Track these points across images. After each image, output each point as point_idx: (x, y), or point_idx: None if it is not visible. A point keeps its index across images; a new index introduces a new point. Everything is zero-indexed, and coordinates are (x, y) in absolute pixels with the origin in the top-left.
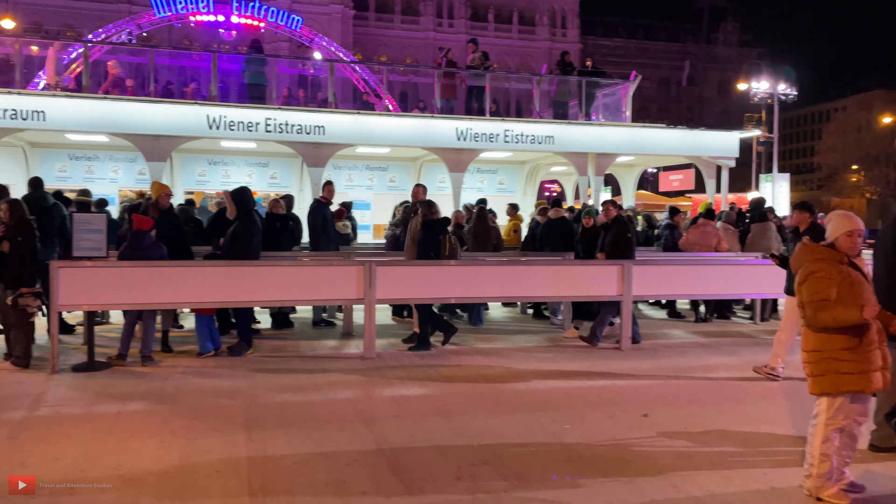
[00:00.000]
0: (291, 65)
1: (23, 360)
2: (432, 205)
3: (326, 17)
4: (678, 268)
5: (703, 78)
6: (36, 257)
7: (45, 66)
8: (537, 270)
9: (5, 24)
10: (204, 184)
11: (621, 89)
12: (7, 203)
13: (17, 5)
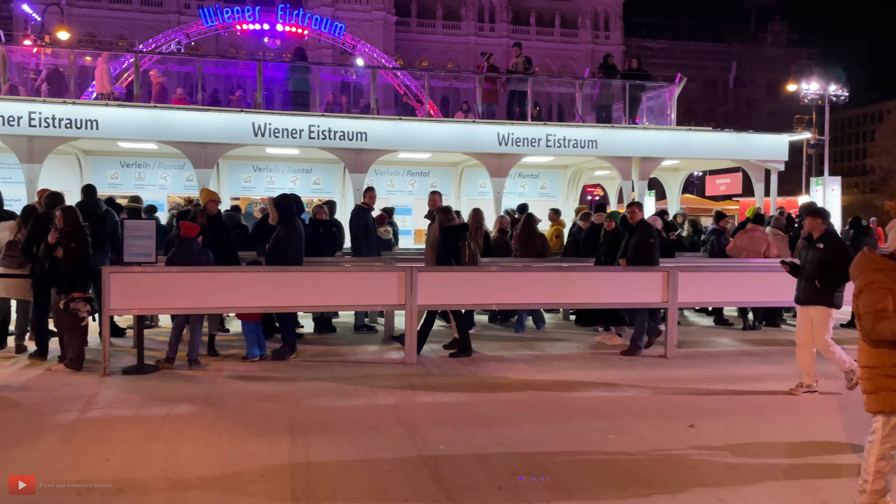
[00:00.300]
0: (334, 72)
1: (76, 363)
2: (449, 211)
3: (369, 24)
4: (725, 274)
5: (751, 79)
6: (87, 263)
7: (96, 77)
8: (579, 277)
9: (61, 35)
10: (249, 190)
11: (666, 92)
12: (61, 210)
13: (72, 17)
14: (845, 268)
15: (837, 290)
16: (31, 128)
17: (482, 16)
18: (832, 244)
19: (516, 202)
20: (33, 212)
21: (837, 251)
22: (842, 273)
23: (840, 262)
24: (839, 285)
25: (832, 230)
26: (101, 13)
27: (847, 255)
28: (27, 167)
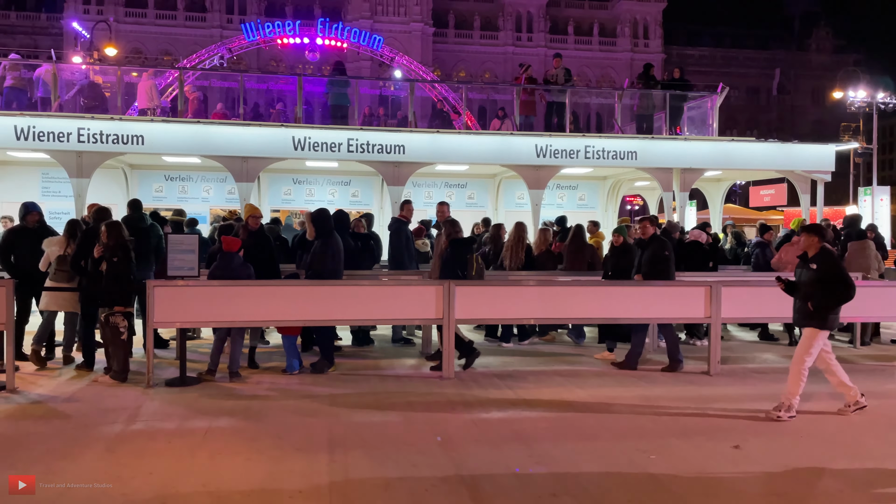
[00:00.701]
0: (372, 85)
1: (121, 375)
2: (455, 224)
3: (406, 35)
4: (770, 289)
5: (795, 86)
6: (129, 278)
7: (139, 93)
8: (620, 291)
9: (108, 51)
10: (289, 202)
11: (708, 101)
12: (106, 225)
13: (119, 33)
14: (840, 289)
15: (832, 312)
16: (80, 143)
17: (519, 25)
18: (826, 264)
19: (554, 214)
20: (77, 226)
21: (831, 272)
22: (836, 294)
23: (834, 283)
24: (834, 307)
25: (828, 249)
26: (146, 29)
27: (841, 277)
28: (76, 181)
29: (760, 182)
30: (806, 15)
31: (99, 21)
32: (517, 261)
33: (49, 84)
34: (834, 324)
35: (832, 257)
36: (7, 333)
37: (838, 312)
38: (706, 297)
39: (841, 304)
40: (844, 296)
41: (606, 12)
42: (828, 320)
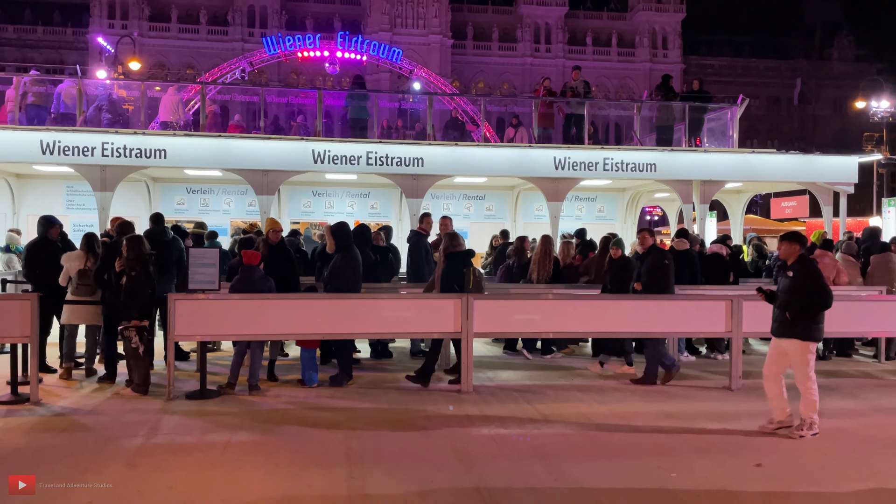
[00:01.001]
0: (392, 98)
1: (141, 387)
2: (455, 237)
3: (425, 48)
4: None
5: (817, 96)
6: (146, 292)
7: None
8: (640, 305)
9: (132, 65)
10: (309, 214)
11: (727, 112)
12: (126, 239)
13: (143, 47)
14: (817, 298)
15: (813, 321)
16: (104, 157)
17: (538, 37)
18: (803, 272)
19: (573, 226)
20: (94, 239)
21: (809, 280)
22: (814, 303)
23: (812, 292)
24: (813, 316)
25: (806, 257)
26: (169, 42)
27: (819, 285)
28: (99, 195)
29: (782, 194)
30: (827, 24)
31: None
32: (545, 274)
33: (68, 100)
34: (819, 334)
35: (810, 265)
36: (31, 346)
37: (821, 322)
38: (727, 311)
39: (819, 313)
40: (821, 304)
41: (625, 23)
42: (811, 331)
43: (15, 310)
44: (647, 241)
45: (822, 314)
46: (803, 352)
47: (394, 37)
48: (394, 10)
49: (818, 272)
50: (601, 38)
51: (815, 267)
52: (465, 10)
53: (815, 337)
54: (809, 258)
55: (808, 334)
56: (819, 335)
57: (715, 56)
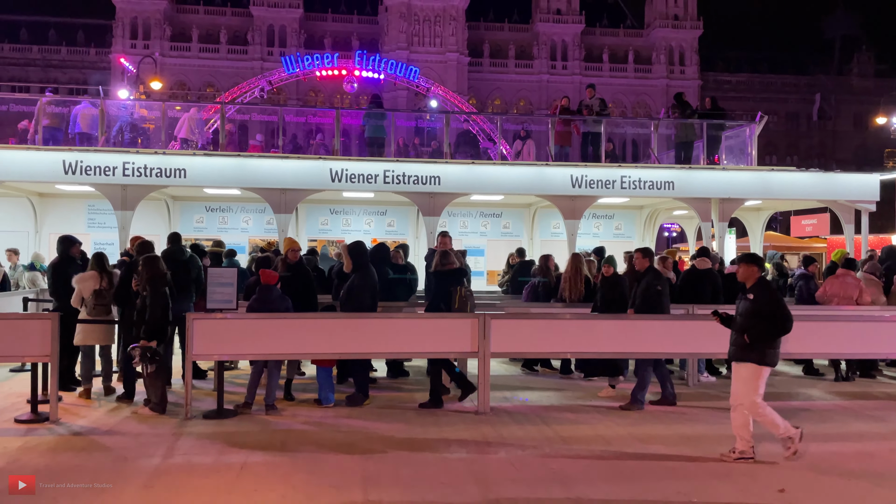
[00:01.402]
0: (408, 117)
1: (159, 406)
2: (447, 255)
3: (442, 65)
4: (816, 324)
5: (837, 111)
6: (157, 313)
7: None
8: (659, 325)
9: (154, 85)
10: (326, 232)
11: (746, 130)
12: (143, 259)
13: (164, 66)
14: (776, 322)
15: (769, 345)
16: (125, 177)
17: (554, 54)
18: (763, 295)
19: (590, 243)
20: (104, 258)
21: (768, 303)
22: (774, 328)
23: (771, 315)
24: (770, 340)
25: (765, 280)
26: (190, 62)
27: (779, 308)
28: (120, 214)
29: (802, 211)
30: (846, 39)
31: (145, 56)
32: (577, 293)
33: (84, 122)
34: (773, 359)
35: (769, 288)
36: (51, 365)
37: (777, 347)
38: None
39: (778, 338)
40: (781, 328)
41: (641, 40)
42: (766, 355)
43: (35, 329)
44: (643, 262)
45: (776, 339)
46: (755, 375)
47: (411, 55)
48: (411, 29)
49: (778, 296)
50: (617, 54)
51: (774, 290)
52: (481, 28)
53: (770, 362)
54: (767, 281)
55: (764, 359)
56: (774, 360)
57: (732, 72)
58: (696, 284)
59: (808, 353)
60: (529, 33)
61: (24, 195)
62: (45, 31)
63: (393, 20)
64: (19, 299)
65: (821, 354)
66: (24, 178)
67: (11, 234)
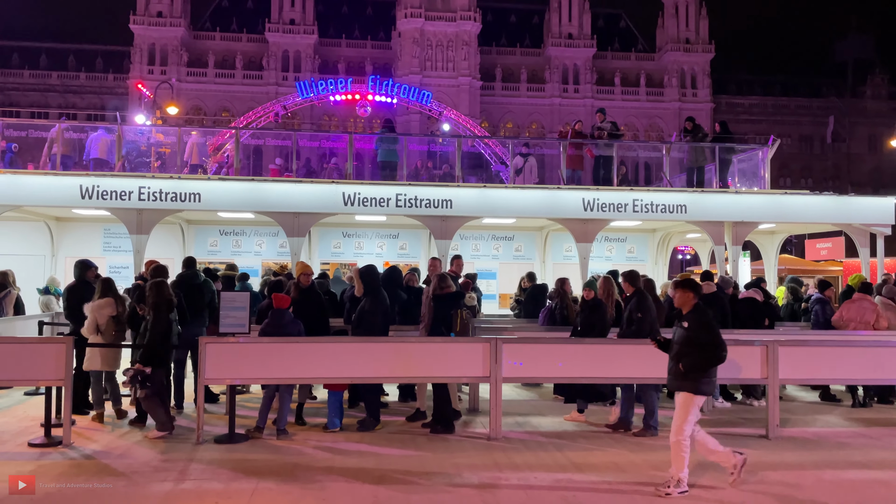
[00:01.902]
0: (421, 141)
1: (164, 427)
2: (444, 279)
3: (455, 89)
4: (832, 349)
5: (851, 134)
6: (157, 338)
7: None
8: None
9: (170, 110)
10: (339, 255)
11: (759, 153)
12: (149, 284)
13: (181, 91)
14: (710, 351)
15: (704, 375)
16: (141, 201)
17: (566, 78)
18: (697, 322)
19: (603, 266)
20: (113, 283)
21: (702, 331)
22: (708, 356)
23: (705, 344)
24: (705, 369)
25: (701, 307)
26: (206, 87)
27: (713, 336)
28: (135, 238)
29: (817, 235)
30: (859, 62)
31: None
32: (609, 316)
33: (99, 147)
34: (709, 388)
35: (704, 316)
36: (65, 389)
37: (713, 376)
38: (762, 357)
39: (712, 367)
40: (715, 357)
41: (653, 63)
42: (701, 384)
43: (50, 353)
44: (628, 287)
45: (712, 368)
46: (686, 403)
47: (424, 79)
48: (424, 54)
49: (713, 323)
50: (629, 78)
51: (709, 318)
52: (493, 53)
53: (705, 391)
54: (705, 308)
55: (698, 388)
56: (709, 389)
57: (745, 95)
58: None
59: (825, 379)
60: (541, 57)
61: (42, 219)
62: (65, 57)
63: (406, 45)
64: (34, 323)
65: (838, 380)
66: (41, 202)
67: (28, 258)
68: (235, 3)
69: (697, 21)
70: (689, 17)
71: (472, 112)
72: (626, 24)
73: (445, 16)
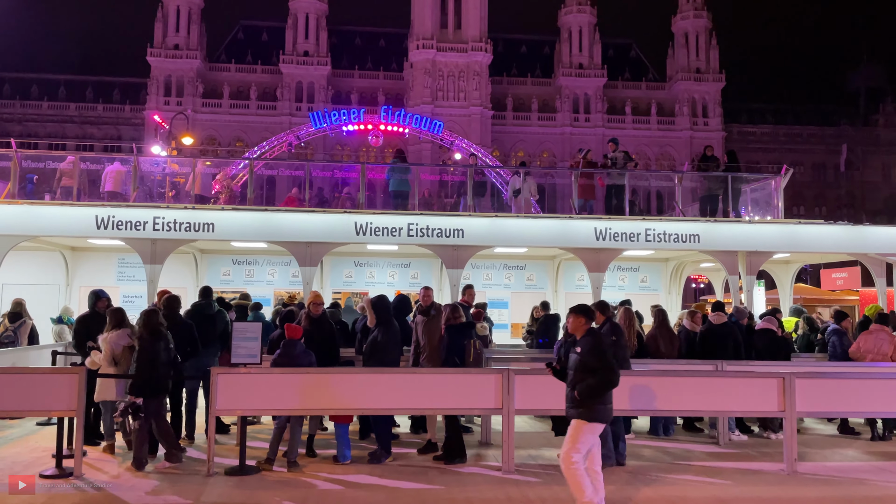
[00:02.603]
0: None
1: (175, 457)
2: (456, 309)
3: (466, 119)
4: (849, 381)
5: (864, 162)
6: (144, 368)
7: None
8: (689, 382)
9: (185, 140)
10: (350, 284)
11: (772, 182)
12: (141, 313)
13: (196, 122)
14: (602, 375)
15: (599, 401)
16: (155, 231)
17: (577, 107)
18: (588, 348)
19: (616, 296)
20: (124, 313)
21: (593, 356)
22: (600, 380)
23: (595, 369)
24: (600, 394)
25: (595, 331)
26: (220, 118)
27: (602, 360)
28: (149, 268)
29: (832, 264)
30: (871, 90)
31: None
32: (631, 347)
33: (113, 180)
34: (604, 416)
35: (595, 340)
36: (77, 420)
37: (608, 402)
38: (779, 390)
39: (604, 392)
40: (607, 382)
41: (664, 92)
42: (595, 412)
43: (62, 383)
44: (599, 317)
45: (605, 394)
46: (579, 430)
47: (435, 109)
48: (435, 84)
49: (604, 348)
50: (640, 107)
51: (601, 342)
52: (504, 83)
53: (600, 418)
54: (598, 332)
55: (592, 415)
56: (604, 416)
57: (756, 123)
58: (714, 340)
59: (844, 413)
60: (552, 87)
61: (57, 249)
62: (83, 89)
63: (418, 76)
64: (48, 353)
65: (856, 413)
66: (58, 232)
67: (44, 287)
68: (251, 35)
69: (708, 50)
70: (700, 46)
71: (484, 141)
72: (637, 53)
73: (457, 47)
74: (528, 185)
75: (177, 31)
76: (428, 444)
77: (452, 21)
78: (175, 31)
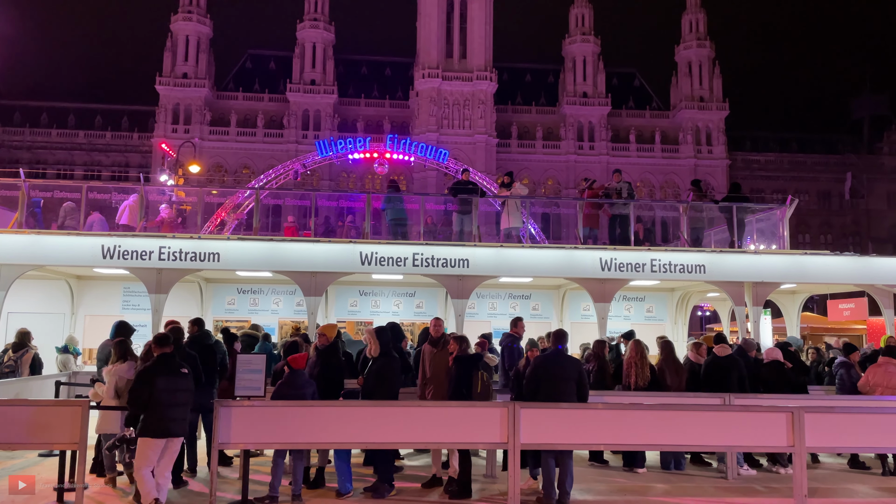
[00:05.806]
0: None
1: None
2: (464, 340)
3: (471, 146)
4: (860, 415)
5: (869, 190)
6: (131, 400)
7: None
8: (698, 416)
9: (192, 168)
10: (355, 313)
11: (777, 212)
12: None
13: (203, 150)
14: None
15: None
16: (161, 261)
17: (581, 135)
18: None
19: (622, 326)
20: (128, 346)
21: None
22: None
23: None
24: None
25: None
26: (227, 145)
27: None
28: (154, 297)
29: (839, 295)
30: (875, 119)
31: (185, 141)
32: (643, 378)
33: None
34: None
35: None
36: (79, 454)
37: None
38: (788, 424)
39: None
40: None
41: (668, 121)
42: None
43: (65, 416)
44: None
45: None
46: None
47: (441, 136)
48: (441, 112)
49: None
50: (644, 135)
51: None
52: (509, 111)
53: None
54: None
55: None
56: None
57: (761, 151)
58: (719, 373)
59: (854, 448)
60: (556, 115)
61: (63, 278)
62: (92, 117)
63: (423, 104)
64: (52, 382)
65: (867, 448)
66: (64, 262)
67: (49, 316)
68: (258, 64)
69: (711, 79)
70: (703, 75)
71: (489, 168)
72: (640, 82)
73: (462, 76)
74: (515, 189)
75: (185, 60)
76: (433, 479)
77: (458, 50)
78: (184, 59)
